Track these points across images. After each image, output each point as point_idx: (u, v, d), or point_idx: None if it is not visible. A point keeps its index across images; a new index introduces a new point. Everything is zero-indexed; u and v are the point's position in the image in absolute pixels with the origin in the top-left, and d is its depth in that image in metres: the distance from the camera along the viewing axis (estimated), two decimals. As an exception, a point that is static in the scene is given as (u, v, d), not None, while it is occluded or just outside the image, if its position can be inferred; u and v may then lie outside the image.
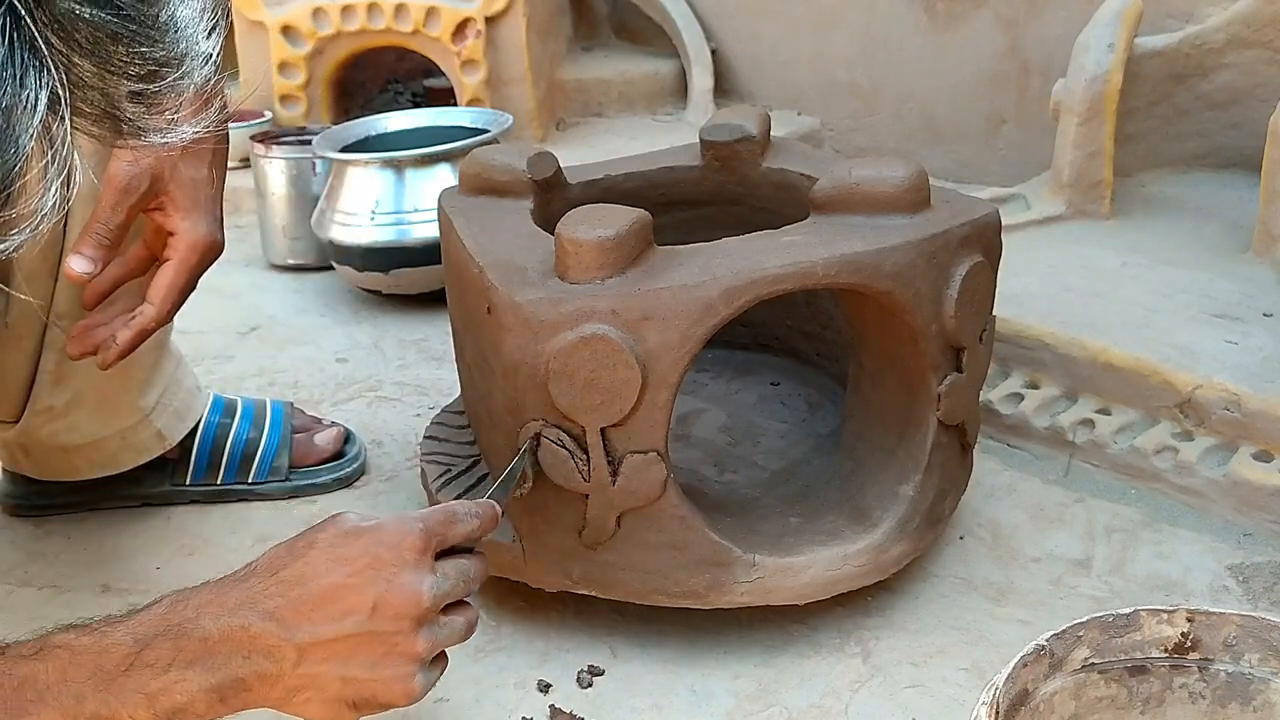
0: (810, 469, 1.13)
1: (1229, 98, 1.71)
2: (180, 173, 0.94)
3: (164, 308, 0.95)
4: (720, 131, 1.20)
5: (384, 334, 1.72)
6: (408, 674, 0.74)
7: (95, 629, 0.69)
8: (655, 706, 0.95)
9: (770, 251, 0.92)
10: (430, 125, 1.95)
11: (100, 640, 0.68)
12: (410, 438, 1.39)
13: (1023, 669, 0.71)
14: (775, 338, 1.34)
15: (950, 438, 1.02)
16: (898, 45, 2.33)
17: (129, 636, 0.68)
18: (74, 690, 0.66)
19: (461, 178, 1.14)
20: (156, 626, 0.69)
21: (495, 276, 0.92)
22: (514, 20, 2.41)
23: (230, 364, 1.63)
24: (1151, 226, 1.64)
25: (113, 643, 0.68)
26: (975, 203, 1.03)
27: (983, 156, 2.25)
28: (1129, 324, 1.32)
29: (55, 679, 0.66)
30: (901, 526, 1.00)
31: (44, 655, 0.67)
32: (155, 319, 0.95)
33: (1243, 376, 1.19)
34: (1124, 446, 1.23)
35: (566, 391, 0.88)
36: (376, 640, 0.72)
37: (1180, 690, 0.76)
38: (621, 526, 0.94)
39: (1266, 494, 1.13)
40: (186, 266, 0.96)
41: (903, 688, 0.96)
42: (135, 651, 0.68)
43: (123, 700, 0.67)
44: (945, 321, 0.96)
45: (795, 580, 0.97)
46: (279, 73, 2.42)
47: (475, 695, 0.97)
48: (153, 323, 0.95)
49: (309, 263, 1.98)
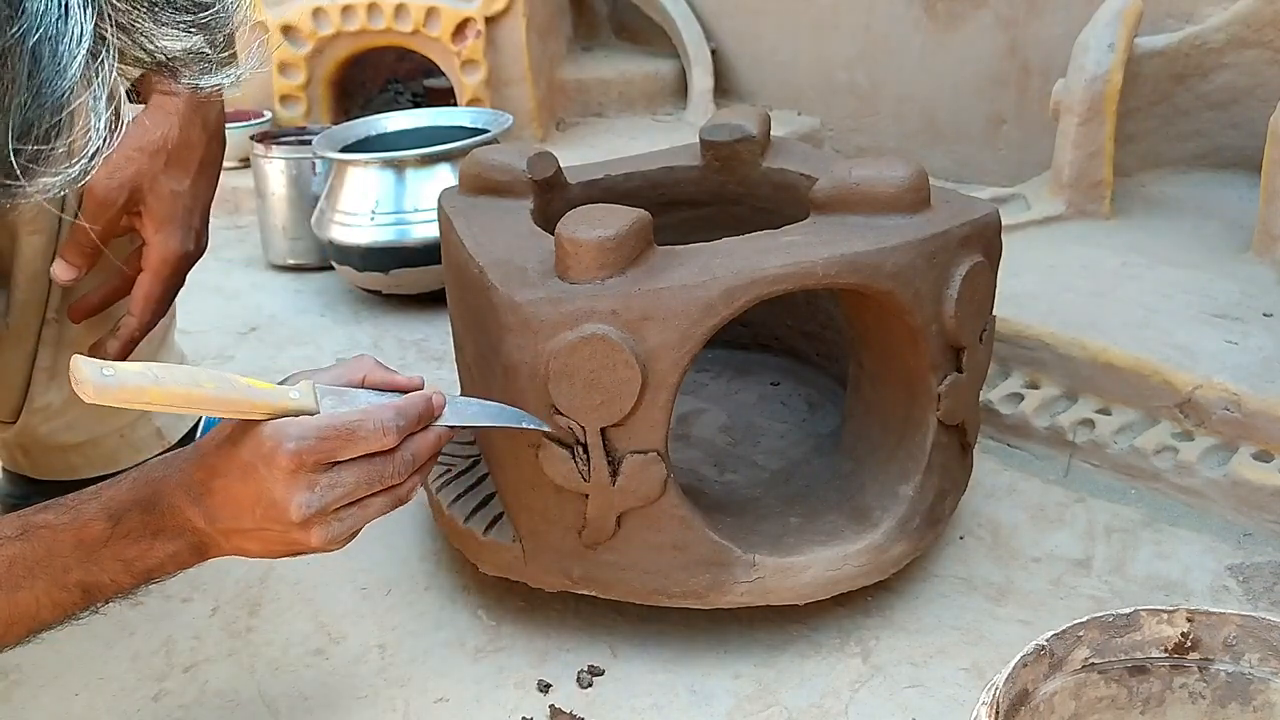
0: (810, 469, 1.13)
1: (1229, 98, 1.71)
2: (160, 185, 0.98)
3: (143, 318, 1.02)
4: (720, 131, 1.20)
5: (384, 334, 1.72)
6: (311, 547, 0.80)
7: (69, 506, 0.77)
8: (655, 706, 0.95)
9: (770, 251, 0.92)
10: (430, 125, 1.95)
11: (77, 517, 0.76)
12: (410, 438, 1.39)
13: (1023, 669, 0.71)
14: (775, 338, 1.34)
15: (950, 438, 1.02)
16: (898, 45, 2.33)
17: (103, 513, 0.77)
18: (60, 563, 0.75)
19: (461, 178, 1.14)
20: (125, 500, 0.77)
21: (495, 276, 0.92)
22: (514, 20, 2.41)
23: (230, 364, 1.63)
24: (1151, 226, 1.64)
25: (89, 518, 0.76)
26: (975, 203, 1.03)
27: (983, 156, 2.25)
28: (1129, 324, 1.33)
29: (42, 555, 0.75)
30: (901, 526, 1.00)
31: (28, 536, 0.75)
32: (138, 328, 1.02)
33: (1243, 376, 1.19)
34: (1124, 446, 1.23)
35: (566, 391, 0.88)
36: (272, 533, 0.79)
37: (1180, 690, 0.76)
38: (621, 526, 0.94)
39: (1266, 494, 1.13)
40: (160, 278, 1.01)
41: (903, 688, 0.96)
42: (110, 527, 0.76)
43: (103, 568, 0.77)
44: (945, 321, 0.96)
45: (795, 580, 0.97)
46: (279, 73, 2.42)
47: (475, 695, 0.97)
48: (136, 331, 1.02)
49: (309, 263, 1.98)
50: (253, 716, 0.96)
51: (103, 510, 0.77)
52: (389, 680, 1.00)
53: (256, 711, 0.97)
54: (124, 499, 0.77)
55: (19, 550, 0.75)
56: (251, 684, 1.00)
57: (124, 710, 0.97)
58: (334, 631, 1.06)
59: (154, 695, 0.99)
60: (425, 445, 0.82)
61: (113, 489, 0.78)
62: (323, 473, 0.77)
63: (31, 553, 0.75)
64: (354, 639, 1.05)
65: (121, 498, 0.77)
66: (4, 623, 0.75)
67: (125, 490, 0.78)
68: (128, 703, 0.98)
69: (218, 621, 1.08)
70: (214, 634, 1.06)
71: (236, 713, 0.96)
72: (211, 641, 1.05)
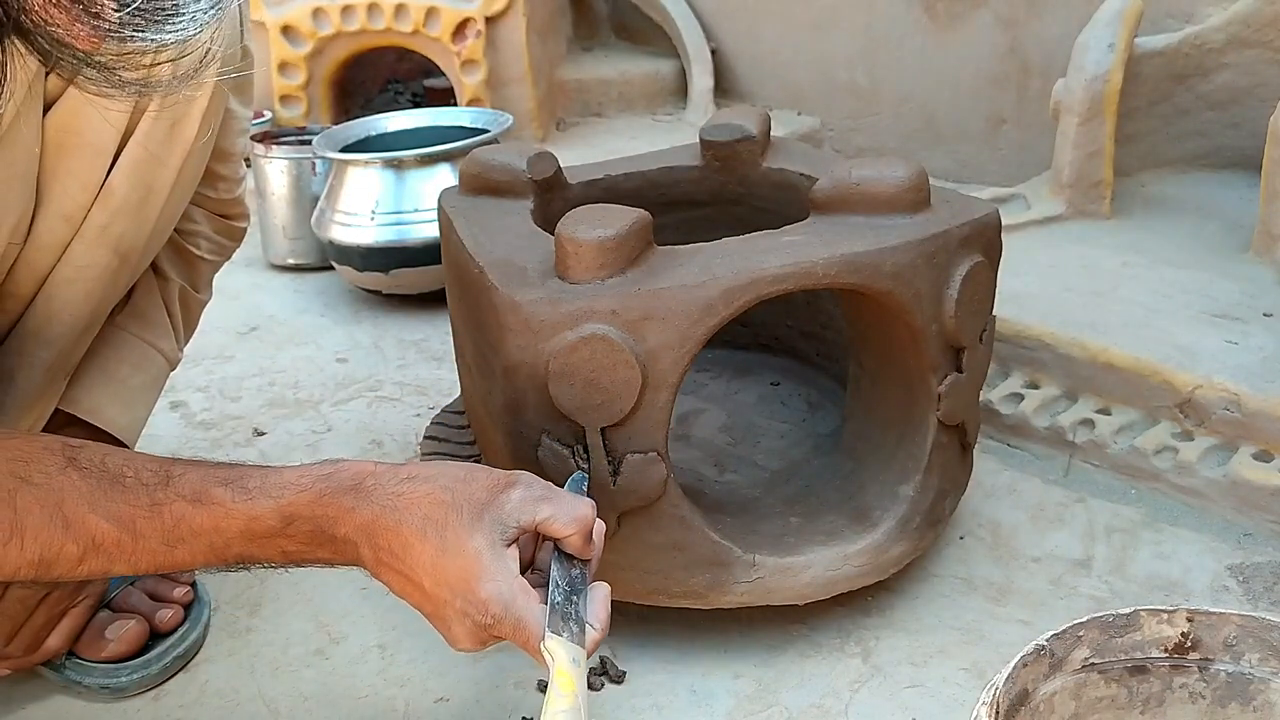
0: (810, 469, 1.12)
1: (1229, 98, 1.71)
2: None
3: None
4: (720, 131, 1.20)
5: (384, 334, 1.72)
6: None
7: (249, 493, 0.78)
8: (655, 706, 0.95)
9: (770, 251, 0.92)
10: (430, 125, 1.95)
11: (251, 508, 0.78)
12: (410, 438, 1.39)
13: (1023, 669, 0.71)
14: (775, 338, 1.34)
15: (950, 438, 1.02)
16: (898, 45, 2.33)
17: (276, 516, 0.78)
18: (224, 538, 0.78)
19: (461, 178, 1.14)
20: (302, 512, 0.78)
21: (495, 276, 0.92)
22: (514, 20, 2.41)
23: (230, 364, 1.63)
24: (1151, 226, 1.64)
25: (263, 514, 0.78)
26: (975, 203, 1.03)
27: (983, 156, 2.25)
28: (1129, 324, 1.32)
29: (209, 526, 0.78)
30: (901, 526, 1.00)
31: (202, 505, 0.78)
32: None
33: (1243, 376, 1.19)
34: (1124, 446, 1.23)
35: (567, 391, 0.88)
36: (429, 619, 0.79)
37: (1180, 690, 0.76)
38: (622, 526, 0.94)
39: (1266, 494, 1.13)
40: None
41: (903, 688, 0.96)
42: (281, 527, 0.78)
43: (264, 551, 0.80)
44: (945, 321, 0.96)
45: (795, 580, 0.97)
46: (279, 73, 2.42)
47: (475, 695, 0.97)
48: None
49: (309, 263, 1.98)
50: (253, 716, 0.96)
51: (277, 511, 0.78)
52: (389, 680, 1.00)
53: (256, 711, 0.97)
54: (301, 510, 0.78)
55: (189, 513, 0.77)
56: (251, 684, 1.00)
57: (124, 710, 0.98)
58: (334, 631, 1.06)
59: (154, 695, 0.99)
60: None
61: (294, 493, 0.78)
62: (495, 638, 0.77)
63: (200, 521, 0.77)
64: (354, 639, 1.05)
65: (299, 508, 0.78)
66: (155, 565, 0.79)
67: (305, 503, 0.78)
68: (128, 702, 0.98)
69: (218, 621, 1.08)
70: (214, 634, 1.06)
71: (236, 713, 0.96)
72: (211, 641, 1.05)
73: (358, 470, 0.79)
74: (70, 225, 0.94)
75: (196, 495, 0.78)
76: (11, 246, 0.92)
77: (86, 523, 0.76)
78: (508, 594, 0.74)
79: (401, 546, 0.76)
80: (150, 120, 0.93)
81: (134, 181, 0.95)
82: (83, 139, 0.91)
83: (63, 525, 0.75)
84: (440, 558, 0.75)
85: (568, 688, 0.73)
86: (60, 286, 0.96)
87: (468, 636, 0.76)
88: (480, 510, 0.76)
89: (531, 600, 0.75)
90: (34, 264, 0.94)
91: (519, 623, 0.74)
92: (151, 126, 0.93)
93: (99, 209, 0.94)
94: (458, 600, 0.75)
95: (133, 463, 0.79)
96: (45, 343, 0.99)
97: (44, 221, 0.93)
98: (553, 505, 0.78)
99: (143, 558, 0.78)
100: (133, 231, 0.96)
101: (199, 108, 0.95)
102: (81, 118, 0.91)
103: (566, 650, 0.74)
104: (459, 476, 0.79)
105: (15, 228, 0.91)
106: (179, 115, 0.94)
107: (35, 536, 0.75)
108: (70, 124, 0.90)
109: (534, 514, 0.77)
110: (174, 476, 0.79)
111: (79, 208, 0.93)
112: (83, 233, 0.94)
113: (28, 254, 0.94)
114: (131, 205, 0.95)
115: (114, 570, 0.78)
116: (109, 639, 0.99)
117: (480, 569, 0.74)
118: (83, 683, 0.98)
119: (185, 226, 1.12)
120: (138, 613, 1.02)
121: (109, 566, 0.78)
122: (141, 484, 0.78)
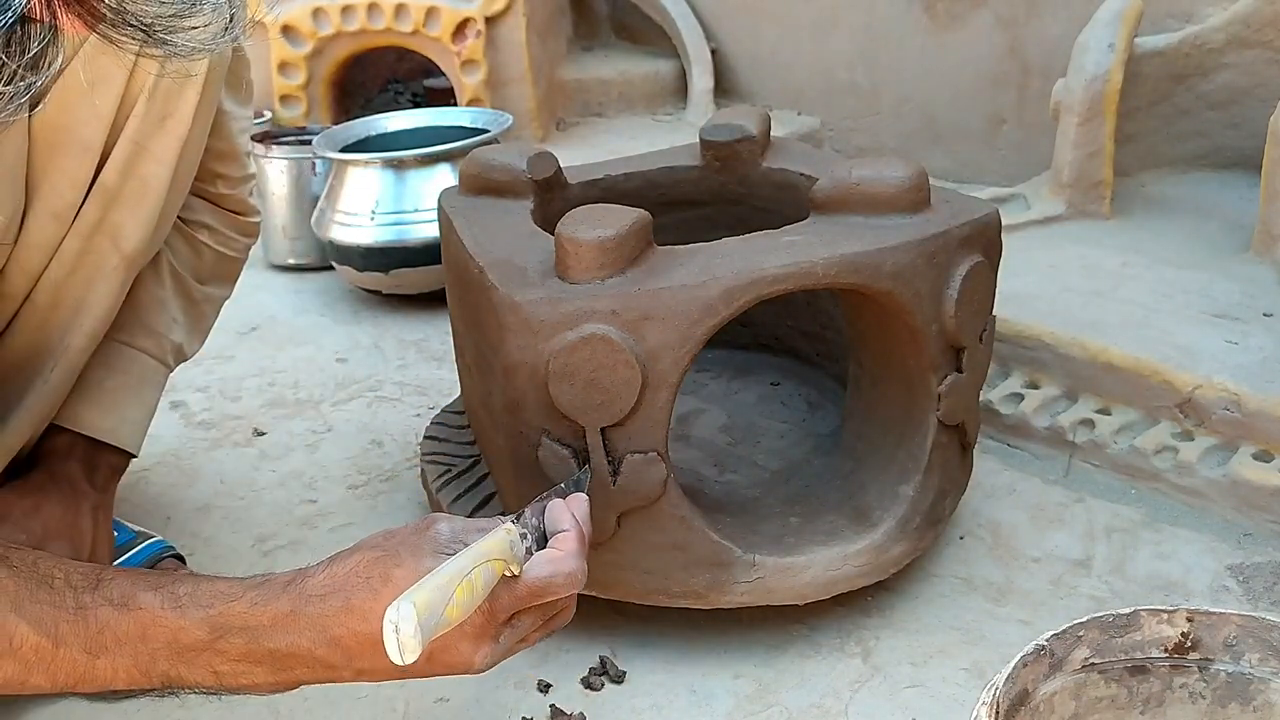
0: (810, 469, 1.12)
1: (1229, 98, 1.71)
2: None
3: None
4: (720, 131, 1.20)
5: (384, 334, 1.72)
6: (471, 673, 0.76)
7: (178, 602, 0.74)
8: (655, 706, 0.95)
9: (770, 251, 0.92)
10: (430, 125, 1.95)
11: (179, 619, 0.73)
12: (410, 438, 1.39)
13: (1023, 669, 0.71)
14: (775, 338, 1.34)
15: (950, 438, 1.02)
16: (898, 45, 2.33)
17: (205, 626, 0.73)
18: (149, 650, 0.73)
19: (461, 178, 1.14)
20: (233, 624, 0.73)
21: (495, 276, 0.92)
22: (514, 20, 2.41)
23: (230, 364, 1.63)
24: (1151, 226, 1.64)
25: (191, 624, 0.73)
26: (975, 203, 1.03)
27: (983, 156, 2.25)
28: (1129, 324, 1.32)
29: (135, 635, 0.73)
30: (901, 526, 1.00)
31: (128, 611, 0.73)
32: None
33: (1243, 376, 1.19)
34: (1124, 446, 1.23)
35: (567, 391, 0.88)
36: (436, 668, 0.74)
37: (1180, 690, 0.76)
38: (622, 526, 0.94)
39: (1266, 494, 1.13)
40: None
41: (903, 688, 0.96)
42: (210, 641, 0.73)
43: (192, 671, 0.74)
44: (945, 321, 0.96)
45: (795, 580, 0.97)
46: (279, 73, 2.42)
47: (475, 695, 0.97)
48: None
49: (309, 263, 1.98)
50: (253, 716, 0.96)
51: (206, 621, 0.73)
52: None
53: (256, 711, 0.97)
54: (233, 620, 0.73)
55: (114, 619, 0.73)
56: (251, 684, 1.00)
57: (124, 710, 0.97)
58: (334, 631, 1.06)
59: (154, 695, 0.99)
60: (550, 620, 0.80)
61: (225, 603, 0.73)
62: (506, 624, 0.75)
63: (125, 628, 0.73)
64: (354, 639, 1.05)
65: (231, 618, 0.73)
66: (74, 679, 0.74)
67: (237, 613, 0.73)
68: (128, 702, 0.98)
69: (218, 621, 1.08)
70: (214, 634, 1.06)
71: (236, 713, 0.96)
72: (211, 641, 1.05)
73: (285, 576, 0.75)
74: (61, 223, 0.93)
75: (124, 600, 0.74)
76: (2, 247, 0.91)
77: (6, 625, 0.72)
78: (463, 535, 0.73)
79: (361, 619, 0.71)
80: (139, 117, 0.93)
81: (127, 175, 0.94)
82: (71, 135, 0.91)
83: None
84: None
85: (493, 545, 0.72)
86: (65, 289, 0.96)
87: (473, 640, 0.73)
88: (415, 545, 0.73)
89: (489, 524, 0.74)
90: (25, 263, 0.94)
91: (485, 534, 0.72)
92: (141, 122, 0.93)
93: (92, 203, 0.94)
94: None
95: (64, 566, 0.76)
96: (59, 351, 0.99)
97: (34, 220, 0.92)
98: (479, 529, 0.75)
99: (62, 668, 0.73)
100: (131, 224, 0.96)
101: (189, 103, 0.94)
102: (70, 114, 0.90)
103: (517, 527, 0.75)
104: (379, 536, 0.76)
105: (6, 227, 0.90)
106: (169, 110, 0.94)
107: None
108: (59, 121, 0.90)
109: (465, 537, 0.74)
110: (104, 581, 0.75)
111: (69, 206, 0.93)
112: (76, 228, 0.94)
113: (18, 254, 0.93)
114: (126, 198, 0.94)
115: (30, 681, 0.74)
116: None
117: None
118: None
119: (187, 215, 1.12)
120: None
121: (25, 676, 0.73)
122: (70, 586, 0.74)
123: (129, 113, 0.93)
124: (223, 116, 1.05)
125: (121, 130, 0.93)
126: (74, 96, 0.89)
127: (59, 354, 0.99)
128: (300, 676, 0.75)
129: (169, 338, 1.12)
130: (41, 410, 1.00)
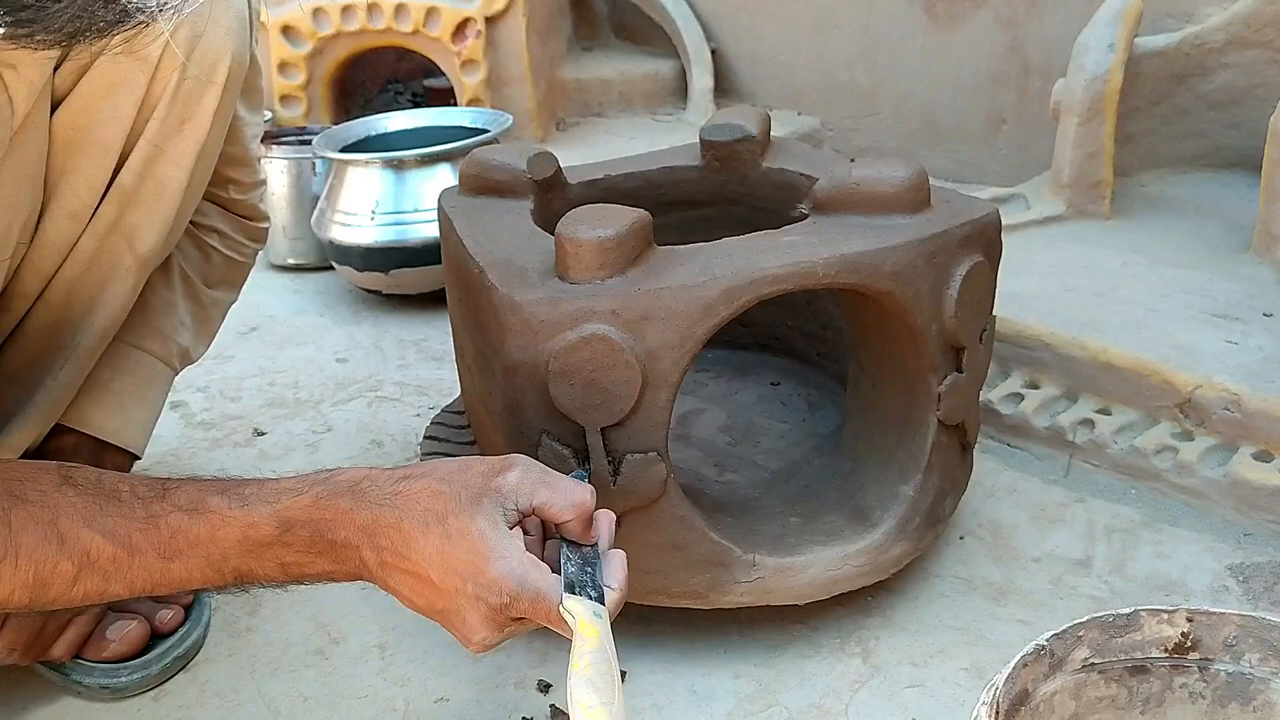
0: (810, 469, 1.12)
1: (1229, 98, 1.71)
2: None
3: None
4: (720, 131, 1.20)
5: (384, 334, 1.72)
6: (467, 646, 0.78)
7: (245, 501, 0.77)
8: (655, 706, 0.95)
9: (770, 251, 0.92)
10: (430, 125, 1.95)
11: (248, 515, 0.77)
12: (410, 438, 1.39)
13: (1023, 669, 0.71)
14: (775, 338, 1.34)
15: (950, 438, 1.02)
16: (898, 45, 2.33)
17: (274, 521, 0.77)
18: (221, 549, 0.77)
19: (461, 178, 1.14)
20: (300, 517, 0.77)
21: (495, 276, 0.92)
22: (514, 20, 2.41)
23: (230, 364, 1.63)
24: (1151, 226, 1.64)
25: (260, 520, 0.77)
26: (975, 203, 1.03)
27: (983, 156, 2.25)
28: (1129, 324, 1.33)
29: (205, 537, 0.77)
30: (901, 526, 1.00)
31: (198, 515, 0.77)
32: None
33: (1243, 376, 1.19)
34: (1124, 446, 1.23)
35: (566, 391, 0.88)
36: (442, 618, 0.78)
37: (1180, 690, 0.76)
38: (622, 526, 0.93)
39: (1266, 494, 1.13)
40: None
41: (903, 688, 0.96)
42: (278, 534, 0.77)
43: (261, 564, 0.78)
44: (945, 321, 0.96)
45: (795, 580, 0.97)
46: (279, 73, 2.42)
47: (475, 695, 0.97)
48: None
49: (309, 263, 1.98)
50: (253, 717, 0.96)
51: (274, 516, 0.77)
52: (389, 680, 1.00)
53: (256, 711, 0.97)
54: (299, 514, 0.77)
55: (185, 524, 0.77)
56: (251, 684, 1.00)
57: (124, 710, 0.98)
58: (334, 631, 1.06)
59: (154, 695, 0.99)
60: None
61: (291, 498, 0.77)
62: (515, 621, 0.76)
63: (196, 531, 0.77)
64: (354, 639, 1.05)
65: (296, 512, 0.77)
66: (151, 584, 0.77)
67: (302, 506, 0.77)
68: (128, 702, 0.98)
69: (218, 621, 1.08)
70: (214, 634, 1.06)
71: (236, 713, 0.96)
72: (212, 641, 1.05)
73: (354, 474, 0.79)
74: (77, 224, 0.94)
75: (193, 505, 0.77)
76: (19, 246, 0.92)
77: (81, 539, 0.75)
78: (519, 569, 0.73)
79: (404, 542, 0.75)
80: (159, 120, 0.93)
81: (144, 177, 0.95)
82: (91, 136, 0.92)
83: (58, 542, 0.74)
84: (445, 546, 0.74)
85: (592, 633, 0.71)
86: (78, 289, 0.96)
87: (484, 623, 0.74)
88: (478, 495, 0.76)
89: (544, 572, 0.74)
90: (39, 263, 0.95)
91: (536, 595, 0.73)
92: (161, 125, 0.93)
93: (108, 204, 0.94)
94: (469, 585, 0.73)
95: (129, 480, 0.79)
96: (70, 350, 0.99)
97: (51, 220, 0.93)
98: (550, 490, 0.77)
99: (139, 575, 0.77)
100: (146, 225, 0.96)
101: (208, 107, 0.95)
102: (90, 115, 0.91)
103: (586, 606, 0.73)
104: (454, 468, 0.78)
105: (24, 226, 0.91)
106: (189, 114, 0.94)
107: (30, 555, 0.74)
108: (79, 121, 0.90)
109: (531, 498, 0.77)
110: (170, 490, 0.78)
111: (85, 206, 0.94)
112: (92, 228, 0.94)
113: (33, 253, 0.94)
114: (143, 199, 0.95)
115: (110, 590, 0.77)
116: (110, 639, 0.99)
117: (487, 550, 0.74)
118: (83, 683, 0.98)
119: (198, 219, 1.12)
120: (139, 613, 1.02)
121: (105, 586, 0.76)
122: (137, 498, 0.77)
123: (149, 115, 0.93)
124: (237, 122, 1.05)
125: (141, 132, 0.93)
126: (95, 98, 0.90)
127: (70, 352, 0.99)
128: (356, 570, 0.78)
129: (176, 341, 1.12)
130: (50, 408, 1.01)
